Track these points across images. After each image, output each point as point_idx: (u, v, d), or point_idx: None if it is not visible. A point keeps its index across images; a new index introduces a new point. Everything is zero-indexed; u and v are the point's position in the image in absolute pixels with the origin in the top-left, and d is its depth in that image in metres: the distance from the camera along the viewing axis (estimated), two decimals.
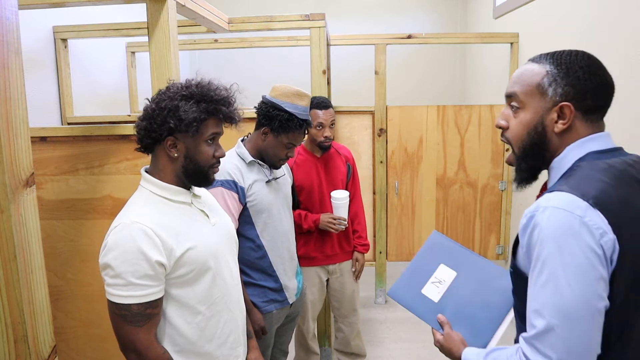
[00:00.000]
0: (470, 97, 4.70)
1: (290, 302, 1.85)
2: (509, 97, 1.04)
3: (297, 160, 2.23)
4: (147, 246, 1.08)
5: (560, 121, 0.95)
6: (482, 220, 3.47)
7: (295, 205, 2.26)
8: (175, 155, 1.17)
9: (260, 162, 1.77)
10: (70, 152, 1.69)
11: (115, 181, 1.69)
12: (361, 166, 3.43)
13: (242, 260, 1.73)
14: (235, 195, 1.67)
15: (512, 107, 1.03)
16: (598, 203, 0.85)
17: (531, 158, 1.00)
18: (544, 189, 1.05)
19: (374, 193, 3.50)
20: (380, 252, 3.55)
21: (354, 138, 3.51)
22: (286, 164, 2.02)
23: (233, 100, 1.23)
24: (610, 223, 0.84)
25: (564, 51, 0.98)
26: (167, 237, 1.11)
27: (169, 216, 1.16)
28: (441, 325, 1.20)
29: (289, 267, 1.84)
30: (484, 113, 3.35)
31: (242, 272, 1.74)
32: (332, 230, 2.18)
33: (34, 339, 0.93)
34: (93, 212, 1.71)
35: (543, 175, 1.04)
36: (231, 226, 1.37)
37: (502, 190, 3.43)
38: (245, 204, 1.71)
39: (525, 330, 0.92)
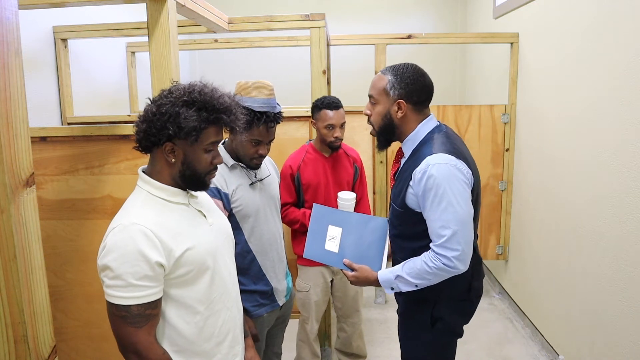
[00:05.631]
0: (470, 97, 4.70)
1: (280, 305, 1.82)
2: (369, 96, 1.58)
3: (305, 159, 2.24)
4: (146, 247, 1.07)
5: (399, 111, 1.50)
6: (482, 220, 3.47)
7: (300, 204, 2.26)
8: (173, 160, 1.17)
9: (242, 164, 1.71)
10: (70, 152, 1.69)
11: (115, 181, 1.69)
12: None
13: None
14: (219, 203, 1.61)
15: (371, 103, 1.57)
16: (457, 155, 1.43)
17: (384, 134, 1.57)
18: (400, 153, 1.62)
19: (374, 193, 3.50)
20: None
21: (354, 138, 3.51)
22: (274, 163, 1.98)
23: (235, 108, 1.21)
24: (467, 165, 1.43)
25: (399, 64, 1.53)
26: (166, 237, 1.11)
27: (167, 217, 1.16)
28: (349, 266, 1.62)
29: (278, 270, 1.80)
30: (484, 113, 3.34)
31: None
32: None
33: (34, 339, 0.93)
34: (93, 212, 1.71)
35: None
36: (228, 226, 1.36)
37: (502, 190, 3.43)
38: (231, 210, 1.66)
39: (403, 244, 1.56)
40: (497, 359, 2.83)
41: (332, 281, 2.37)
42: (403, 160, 1.59)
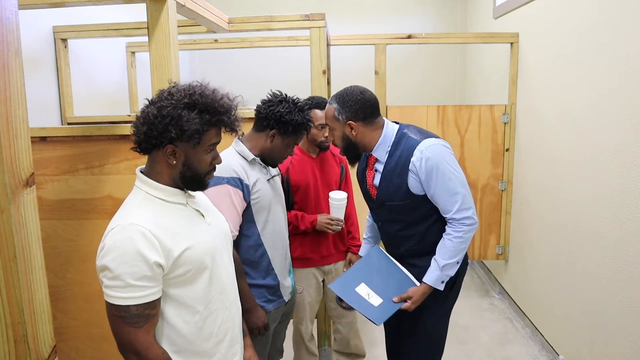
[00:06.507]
0: (470, 97, 4.70)
1: (286, 300, 1.86)
2: (326, 125, 1.82)
3: (293, 161, 2.23)
4: (145, 248, 1.08)
5: (353, 131, 1.69)
6: (482, 221, 3.47)
7: (290, 206, 2.25)
8: (174, 162, 1.17)
9: (259, 161, 1.77)
10: (70, 152, 1.69)
11: (115, 181, 1.69)
12: None
13: (242, 259, 1.74)
14: (240, 193, 1.67)
15: (330, 130, 1.76)
16: (436, 136, 1.68)
17: (350, 151, 1.76)
18: (372, 159, 1.78)
19: None
20: None
21: None
22: None
23: (235, 109, 1.22)
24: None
25: (341, 91, 1.70)
26: (164, 238, 1.11)
27: (165, 217, 1.16)
28: (401, 300, 1.68)
29: (284, 265, 1.85)
30: (484, 113, 3.35)
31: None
32: (329, 232, 2.17)
33: (34, 339, 0.93)
34: (93, 212, 1.71)
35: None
36: (226, 225, 1.37)
37: (502, 191, 3.43)
38: (249, 202, 1.71)
39: (411, 232, 1.74)
40: (497, 359, 2.84)
41: (323, 281, 2.37)
42: (380, 166, 1.74)
